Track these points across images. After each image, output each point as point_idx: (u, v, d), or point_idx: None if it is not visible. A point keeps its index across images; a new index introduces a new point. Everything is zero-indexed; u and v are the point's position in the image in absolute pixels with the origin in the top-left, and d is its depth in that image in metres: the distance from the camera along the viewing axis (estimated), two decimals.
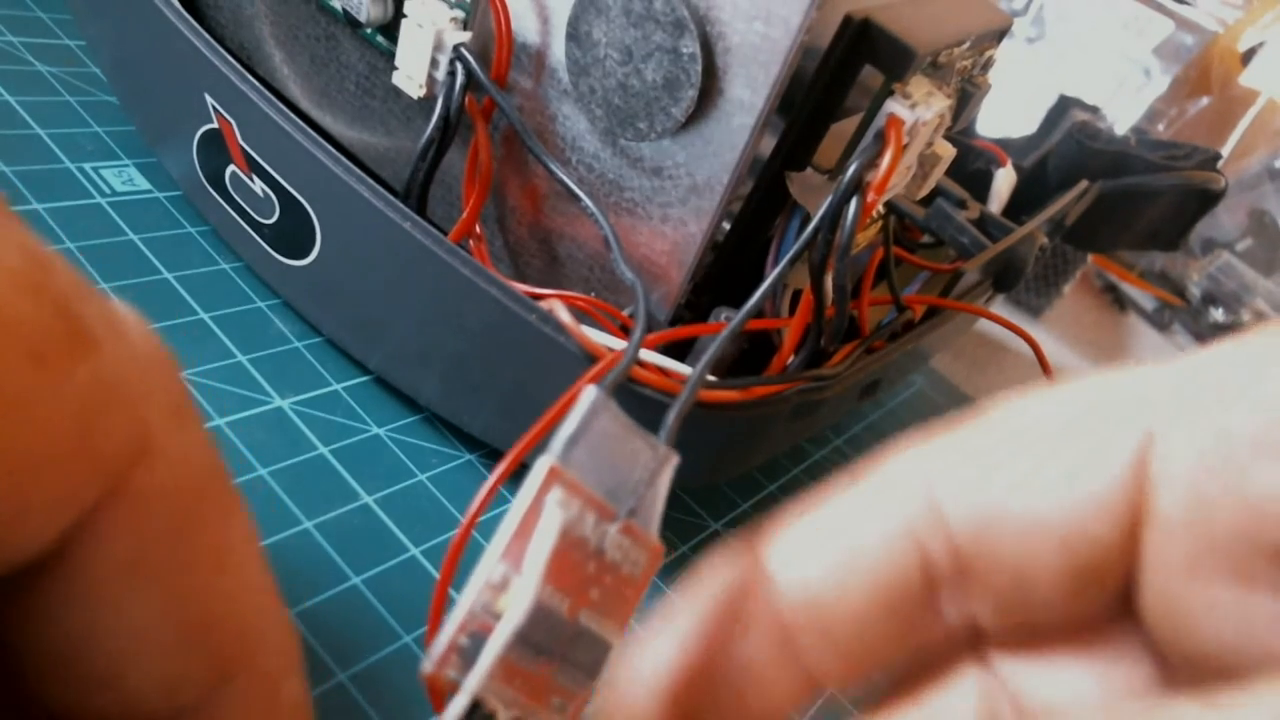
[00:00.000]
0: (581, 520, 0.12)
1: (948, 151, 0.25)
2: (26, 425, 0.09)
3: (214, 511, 0.11)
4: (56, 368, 0.09)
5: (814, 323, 0.24)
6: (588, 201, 0.24)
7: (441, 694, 0.11)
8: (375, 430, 0.27)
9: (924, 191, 0.25)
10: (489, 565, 0.12)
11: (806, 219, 0.23)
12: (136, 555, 0.10)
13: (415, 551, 0.24)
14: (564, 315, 0.22)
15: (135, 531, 0.10)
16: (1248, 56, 0.69)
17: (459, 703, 0.11)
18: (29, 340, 0.09)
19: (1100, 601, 0.12)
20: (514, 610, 0.11)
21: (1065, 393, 0.12)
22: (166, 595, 0.11)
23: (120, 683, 0.11)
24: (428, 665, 0.11)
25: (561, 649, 0.12)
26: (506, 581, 0.11)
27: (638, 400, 0.22)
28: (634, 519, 0.13)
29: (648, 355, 0.22)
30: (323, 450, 0.26)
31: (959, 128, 0.26)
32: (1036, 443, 0.12)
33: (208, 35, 0.27)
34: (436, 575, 0.24)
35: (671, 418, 0.16)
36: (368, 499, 0.25)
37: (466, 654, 0.11)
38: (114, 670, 0.11)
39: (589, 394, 0.13)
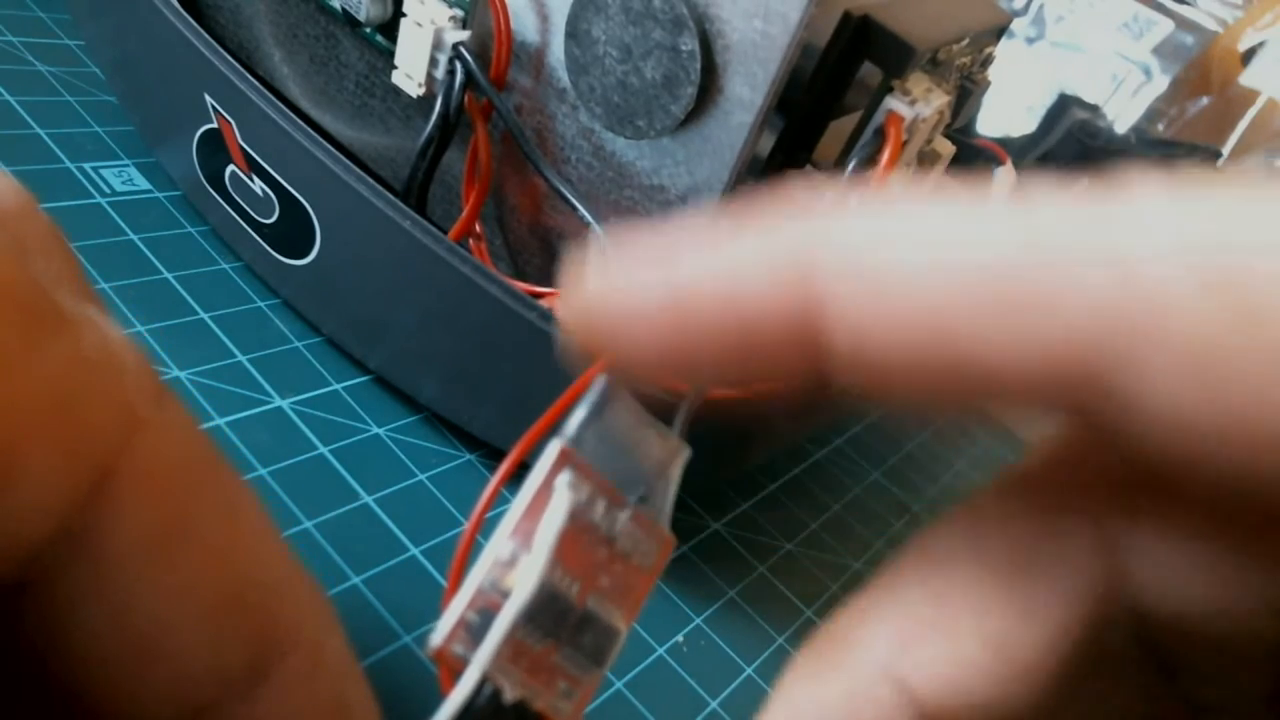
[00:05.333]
0: (592, 504, 0.12)
1: (947, 149, 0.25)
2: (19, 397, 0.09)
3: (217, 481, 0.11)
4: (45, 341, 0.09)
5: None
6: (583, 211, 0.24)
7: (450, 670, 0.11)
8: (375, 430, 0.27)
9: None
10: (498, 542, 0.12)
11: None
12: (150, 530, 0.10)
13: (415, 551, 0.24)
14: None
15: (143, 506, 0.10)
16: (1248, 56, 0.69)
17: (468, 678, 0.11)
18: (18, 312, 0.09)
19: None
20: (521, 587, 0.11)
21: None
22: (190, 566, 0.10)
23: (168, 660, 0.10)
24: (436, 639, 0.11)
25: (569, 633, 0.12)
26: (515, 559, 0.11)
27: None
28: (645, 509, 0.13)
29: None
30: (323, 450, 0.26)
31: (958, 125, 0.26)
32: None
33: (207, 35, 0.27)
34: (437, 575, 0.24)
35: (683, 411, 0.16)
36: (368, 499, 0.25)
37: (474, 630, 0.11)
38: (159, 648, 0.10)
39: (600, 381, 0.13)
